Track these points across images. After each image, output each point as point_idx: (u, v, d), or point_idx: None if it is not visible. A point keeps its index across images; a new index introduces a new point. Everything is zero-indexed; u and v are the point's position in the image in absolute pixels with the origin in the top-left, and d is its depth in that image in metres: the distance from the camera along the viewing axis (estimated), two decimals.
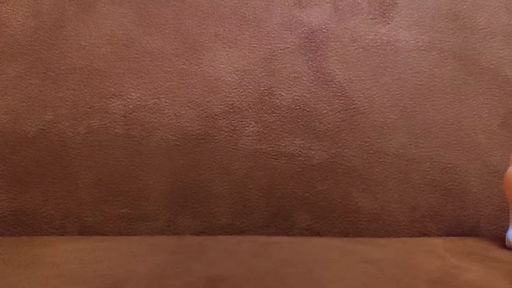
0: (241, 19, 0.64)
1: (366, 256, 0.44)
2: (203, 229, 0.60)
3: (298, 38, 0.63)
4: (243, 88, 0.62)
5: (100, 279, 0.37)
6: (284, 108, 0.62)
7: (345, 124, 0.62)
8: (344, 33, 0.64)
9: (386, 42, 0.64)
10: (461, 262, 0.43)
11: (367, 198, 0.61)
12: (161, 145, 0.61)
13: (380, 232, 0.61)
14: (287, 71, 0.63)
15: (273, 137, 0.62)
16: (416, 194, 0.61)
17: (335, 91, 0.63)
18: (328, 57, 0.63)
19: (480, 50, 0.64)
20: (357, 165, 0.61)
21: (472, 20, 0.65)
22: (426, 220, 0.61)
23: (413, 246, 0.49)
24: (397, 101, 0.63)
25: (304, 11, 0.64)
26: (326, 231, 0.61)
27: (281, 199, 0.61)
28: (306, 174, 0.61)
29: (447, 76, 0.63)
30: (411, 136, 0.62)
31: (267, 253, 0.45)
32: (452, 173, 0.62)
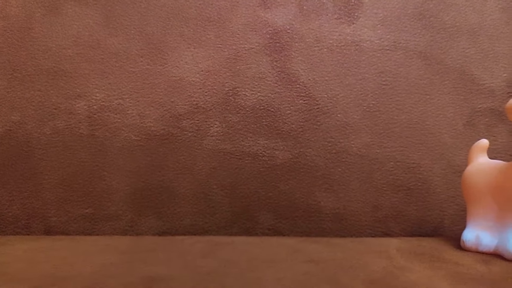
0: (206, 19, 0.64)
1: (314, 256, 0.44)
2: (166, 230, 0.61)
3: (263, 38, 0.64)
4: (207, 88, 0.63)
5: (40, 278, 0.37)
6: (248, 108, 0.62)
7: (308, 124, 0.62)
8: (308, 33, 0.64)
9: (351, 42, 0.64)
10: (408, 263, 0.43)
11: (329, 197, 0.61)
12: (124, 146, 0.61)
13: (342, 232, 0.61)
14: (252, 71, 0.63)
15: (237, 137, 0.62)
16: (379, 194, 0.61)
17: (299, 92, 0.63)
18: (292, 58, 0.63)
19: (446, 49, 0.64)
20: (320, 165, 0.61)
21: (438, 19, 0.64)
22: (389, 220, 0.61)
23: (367, 246, 0.49)
24: (360, 101, 0.63)
25: (269, 12, 0.64)
26: (289, 230, 0.61)
27: (244, 199, 0.61)
28: (270, 174, 0.61)
29: (412, 75, 0.63)
30: (374, 136, 0.62)
31: (217, 253, 0.45)
32: (415, 173, 0.61)
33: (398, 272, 0.39)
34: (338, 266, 0.41)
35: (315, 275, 0.38)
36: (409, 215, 0.61)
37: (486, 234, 0.47)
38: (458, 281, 0.37)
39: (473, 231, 0.48)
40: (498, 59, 0.64)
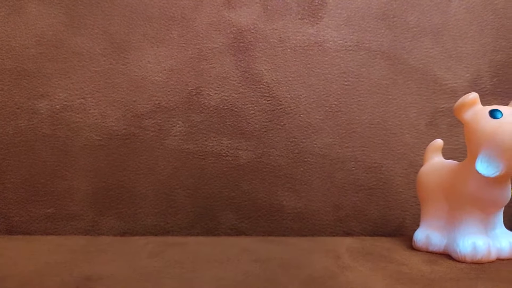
0: (169, 19, 0.64)
1: (262, 256, 0.44)
2: (127, 230, 0.61)
3: (227, 38, 0.64)
4: (170, 88, 0.63)
5: None
6: (211, 108, 0.62)
7: (272, 124, 0.62)
8: (272, 33, 0.64)
9: (314, 42, 0.64)
10: (353, 262, 0.43)
11: (291, 197, 0.61)
12: (86, 145, 0.61)
13: (304, 231, 0.61)
14: (215, 71, 0.63)
15: (200, 137, 0.62)
16: (340, 194, 0.61)
17: (263, 92, 0.63)
18: (256, 58, 0.63)
19: (409, 49, 0.64)
20: (283, 164, 0.62)
21: (402, 19, 0.65)
22: (350, 220, 0.61)
23: (320, 245, 0.49)
24: (323, 102, 0.63)
25: (233, 12, 0.64)
26: (251, 230, 0.61)
27: (207, 199, 0.61)
28: (233, 174, 0.61)
29: (374, 76, 0.63)
30: (336, 136, 0.62)
31: (166, 254, 0.45)
32: (377, 173, 0.62)
33: (339, 272, 0.39)
34: (282, 265, 0.41)
35: (255, 275, 0.38)
36: (370, 214, 0.61)
37: (436, 234, 0.47)
38: (395, 281, 0.37)
39: (424, 231, 0.48)
40: (461, 59, 0.64)
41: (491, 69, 0.64)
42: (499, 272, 0.40)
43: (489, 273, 0.40)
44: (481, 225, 0.45)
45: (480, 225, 0.45)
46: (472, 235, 0.44)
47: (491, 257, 0.43)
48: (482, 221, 0.45)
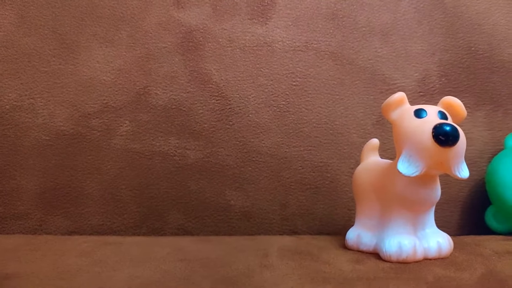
0: (119, 19, 0.64)
1: (191, 255, 0.44)
2: (74, 229, 0.61)
3: (176, 38, 0.64)
4: (118, 87, 0.63)
5: None
6: (159, 107, 0.63)
7: (220, 124, 0.62)
8: (221, 33, 0.64)
9: (263, 42, 0.64)
10: (278, 261, 0.43)
11: (239, 196, 0.61)
12: (35, 145, 0.61)
13: (251, 230, 0.61)
14: (164, 70, 0.63)
15: (147, 137, 0.62)
16: (287, 193, 0.61)
17: (212, 91, 0.63)
18: (205, 57, 0.64)
19: (358, 49, 0.64)
20: (231, 164, 0.62)
21: (351, 19, 0.65)
22: (296, 218, 0.61)
23: (254, 244, 0.49)
24: (271, 101, 0.63)
25: (182, 11, 0.64)
26: (198, 230, 0.61)
27: (154, 199, 0.61)
28: (180, 174, 0.61)
29: (322, 76, 0.64)
30: (284, 136, 0.62)
31: (94, 253, 0.45)
32: (323, 172, 0.62)
33: (258, 271, 0.39)
34: (205, 264, 0.41)
35: (172, 274, 0.38)
36: (316, 213, 0.61)
37: (367, 233, 0.47)
38: (309, 280, 0.37)
39: (356, 230, 0.49)
40: (410, 59, 0.64)
41: (439, 69, 0.64)
42: (420, 271, 0.40)
43: (410, 273, 0.40)
44: (409, 225, 0.45)
45: (408, 225, 0.45)
46: (398, 235, 0.44)
47: (417, 257, 0.43)
48: (410, 221, 0.45)
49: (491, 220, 0.58)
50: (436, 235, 0.45)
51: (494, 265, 0.42)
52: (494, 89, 0.65)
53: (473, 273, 0.40)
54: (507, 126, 0.63)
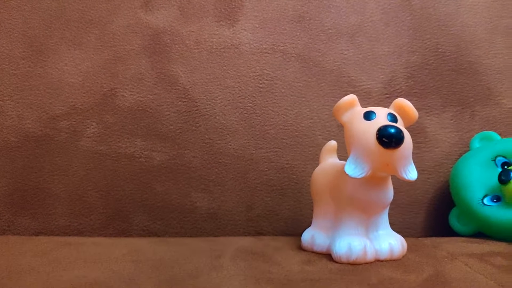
0: (87, 22, 0.64)
1: (144, 256, 0.45)
2: (41, 230, 0.61)
3: (143, 40, 0.64)
4: (85, 90, 0.63)
5: None
6: (126, 109, 0.63)
7: (186, 126, 0.63)
8: (189, 35, 0.64)
9: (230, 44, 0.64)
10: (231, 262, 0.43)
11: (205, 198, 0.62)
12: (3, 147, 0.62)
13: (217, 231, 0.61)
14: (131, 72, 0.64)
15: (113, 139, 0.62)
16: (253, 194, 0.62)
17: (178, 93, 0.63)
18: (172, 60, 0.64)
19: (324, 51, 0.65)
20: (197, 166, 0.62)
21: (317, 21, 0.65)
22: (261, 219, 0.61)
23: (213, 245, 0.49)
24: (238, 103, 0.63)
25: (150, 14, 0.65)
26: (164, 231, 0.61)
27: (120, 200, 0.61)
28: (146, 176, 0.62)
29: (288, 78, 0.64)
30: (250, 138, 0.63)
31: (52, 253, 0.45)
32: (289, 173, 0.62)
33: (206, 271, 0.40)
34: (155, 266, 0.42)
35: (120, 275, 0.39)
36: (282, 214, 0.62)
37: (322, 234, 0.48)
38: (253, 281, 0.37)
39: (311, 231, 0.49)
40: (377, 61, 0.65)
41: (406, 70, 0.65)
42: (366, 273, 0.40)
43: (355, 275, 0.40)
44: (362, 226, 0.45)
45: (360, 226, 0.45)
46: (349, 236, 0.44)
47: (368, 258, 0.43)
48: (363, 222, 0.45)
49: (454, 222, 0.58)
50: (388, 237, 0.46)
51: (443, 267, 0.42)
52: (461, 90, 0.65)
53: (419, 275, 0.40)
54: (474, 127, 0.63)
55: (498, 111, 0.64)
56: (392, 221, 0.60)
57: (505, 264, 0.43)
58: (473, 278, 0.39)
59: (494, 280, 0.39)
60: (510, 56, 0.66)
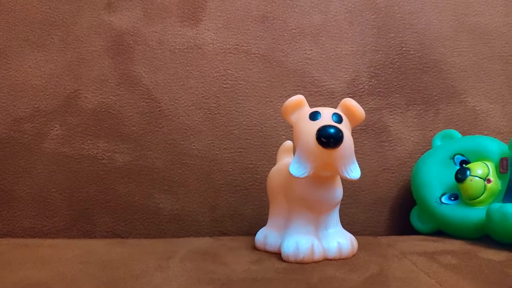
0: (51, 24, 0.65)
1: (96, 258, 0.45)
2: (6, 232, 0.61)
3: (106, 41, 0.64)
4: (49, 91, 0.63)
5: None
6: (89, 110, 0.63)
7: (150, 127, 0.63)
8: (152, 36, 0.64)
9: (193, 45, 0.64)
10: (178, 263, 0.43)
11: (168, 199, 0.62)
12: None
13: (180, 232, 0.61)
14: (94, 74, 0.64)
15: (77, 140, 0.62)
16: (217, 194, 0.62)
17: (141, 94, 0.63)
18: (135, 60, 0.64)
19: (288, 51, 0.64)
20: (160, 167, 0.62)
21: (281, 21, 0.65)
22: (225, 220, 0.61)
23: (168, 247, 0.49)
24: (202, 104, 0.63)
25: (113, 15, 0.65)
26: (127, 233, 0.61)
27: (83, 202, 0.61)
28: (109, 177, 0.62)
29: (252, 78, 0.64)
30: (214, 138, 0.63)
31: (5, 256, 0.45)
32: (253, 173, 0.62)
33: (150, 272, 0.40)
34: (103, 267, 0.42)
35: (64, 276, 0.39)
36: (245, 214, 0.62)
37: (274, 234, 0.48)
38: (194, 282, 0.37)
39: (264, 230, 0.49)
40: (340, 61, 0.65)
41: (370, 70, 0.64)
42: (310, 272, 0.40)
43: (298, 274, 0.40)
44: (311, 225, 0.45)
45: (309, 225, 0.45)
46: (297, 235, 0.44)
47: (315, 257, 0.43)
48: (312, 221, 0.45)
49: (415, 220, 0.58)
50: (337, 236, 0.45)
51: (389, 266, 0.42)
52: (425, 89, 0.64)
53: (361, 274, 0.40)
54: (438, 126, 0.63)
55: (462, 109, 0.64)
56: (356, 219, 0.61)
57: (453, 263, 0.43)
58: (414, 277, 0.39)
59: (435, 279, 0.38)
60: (475, 54, 0.66)
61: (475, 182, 0.52)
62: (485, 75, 0.65)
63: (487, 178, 0.52)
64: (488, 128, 0.64)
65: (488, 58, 0.66)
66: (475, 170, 0.52)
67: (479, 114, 0.64)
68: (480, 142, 0.55)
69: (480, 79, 0.65)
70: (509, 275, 0.39)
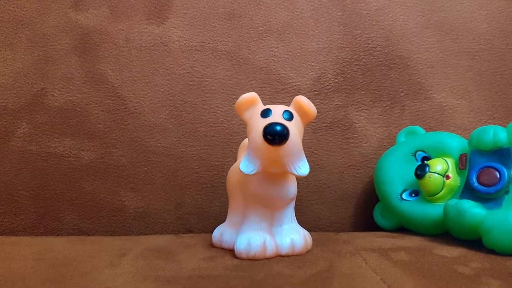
0: (18, 22, 0.65)
1: (52, 255, 0.45)
2: None
3: (73, 40, 0.64)
4: (16, 90, 0.63)
5: None
6: (56, 109, 0.63)
7: (115, 124, 0.63)
8: (118, 34, 0.64)
9: (160, 42, 0.64)
10: (129, 260, 0.43)
11: (134, 196, 0.62)
12: None
13: (146, 230, 0.62)
14: (61, 72, 0.64)
15: (43, 138, 0.63)
16: (183, 192, 0.62)
17: (107, 92, 0.64)
18: (101, 58, 0.64)
19: (254, 49, 0.65)
20: (126, 164, 0.62)
21: (247, 19, 0.65)
22: (191, 217, 0.62)
23: (128, 244, 0.50)
24: (168, 101, 0.63)
25: (80, 13, 0.65)
26: (94, 230, 0.62)
27: (50, 199, 0.62)
28: (75, 175, 0.62)
29: (219, 75, 0.64)
30: (180, 135, 0.63)
31: None
32: (219, 171, 0.62)
33: (100, 269, 0.40)
34: (53, 264, 0.42)
35: (13, 272, 0.39)
36: (212, 212, 0.62)
37: (230, 231, 0.48)
38: (139, 279, 0.37)
39: (221, 227, 0.49)
40: (306, 58, 0.65)
41: (336, 67, 0.65)
42: (259, 269, 0.40)
43: (246, 271, 0.40)
44: (265, 222, 0.45)
45: (264, 222, 0.45)
46: (250, 232, 0.44)
47: (268, 254, 0.44)
48: (267, 218, 0.45)
49: (378, 217, 0.58)
50: (291, 232, 0.46)
51: (338, 263, 0.43)
52: (391, 85, 0.65)
53: (308, 271, 0.40)
54: (404, 122, 0.63)
55: (428, 105, 0.64)
56: (321, 216, 0.61)
57: (404, 259, 0.44)
58: (360, 273, 0.39)
59: (381, 276, 0.39)
60: (442, 50, 0.66)
61: (434, 178, 0.52)
62: (452, 71, 0.66)
63: (446, 174, 0.52)
64: (454, 124, 0.64)
65: (455, 54, 0.66)
66: (435, 166, 0.52)
67: (446, 110, 0.64)
68: (440, 138, 0.55)
69: (446, 75, 0.65)
70: (456, 271, 0.40)
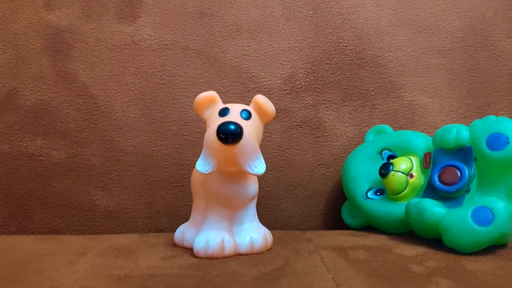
0: None
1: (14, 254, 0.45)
2: None
3: (45, 39, 0.64)
4: None
5: None
6: (27, 108, 0.63)
7: (86, 124, 0.63)
8: (90, 33, 0.64)
9: (131, 41, 0.64)
10: (88, 259, 0.43)
11: (104, 196, 0.62)
12: None
13: (116, 229, 0.62)
14: (32, 71, 0.64)
15: (14, 137, 0.63)
16: (153, 191, 0.62)
17: (78, 91, 0.64)
18: (72, 58, 0.64)
19: (225, 47, 0.65)
20: (96, 163, 0.62)
21: (219, 17, 0.65)
22: (161, 216, 0.62)
23: (94, 242, 0.50)
24: (138, 100, 0.64)
25: (52, 13, 0.65)
26: (65, 229, 0.62)
27: (21, 198, 0.62)
28: (46, 174, 0.62)
29: (190, 74, 0.64)
30: (150, 134, 0.63)
31: None
32: (190, 170, 0.62)
33: (56, 268, 0.40)
34: (12, 263, 0.42)
35: None
36: (182, 211, 0.62)
37: (191, 230, 0.48)
38: (93, 277, 0.38)
39: (183, 227, 0.49)
40: (277, 57, 0.65)
41: (307, 66, 0.65)
42: (214, 267, 0.40)
43: (200, 270, 0.40)
44: (225, 221, 0.45)
45: (223, 221, 0.45)
46: (208, 231, 0.44)
47: (226, 252, 0.44)
48: (227, 216, 0.45)
49: (346, 215, 0.58)
50: (251, 231, 0.46)
51: (294, 261, 0.43)
52: (362, 84, 0.65)
53: (262, 269, 0.40)
54: (374, 121, 0.63)
55: (399, 104, 0.64)
56: (291, 214, 0.62)
57: (361, 258, 0.44)
58: (312, 272, 0.40)
59: (333, 274, 0.39)
60: (413, 49, 0.66)
61: (397, 177, 0.52)
62: (423, 70, 0.66)
63: (409, 173, 0.52)
64: (425, 123, 0.64)
65: (427, 53, 0.66)
66: (399, 165, 0.53)
67: (417, 109, 0.64)
68: (405, 137, 0.55)
69: (418, 73, 0.65)
70: (410, 270, 0.40)
